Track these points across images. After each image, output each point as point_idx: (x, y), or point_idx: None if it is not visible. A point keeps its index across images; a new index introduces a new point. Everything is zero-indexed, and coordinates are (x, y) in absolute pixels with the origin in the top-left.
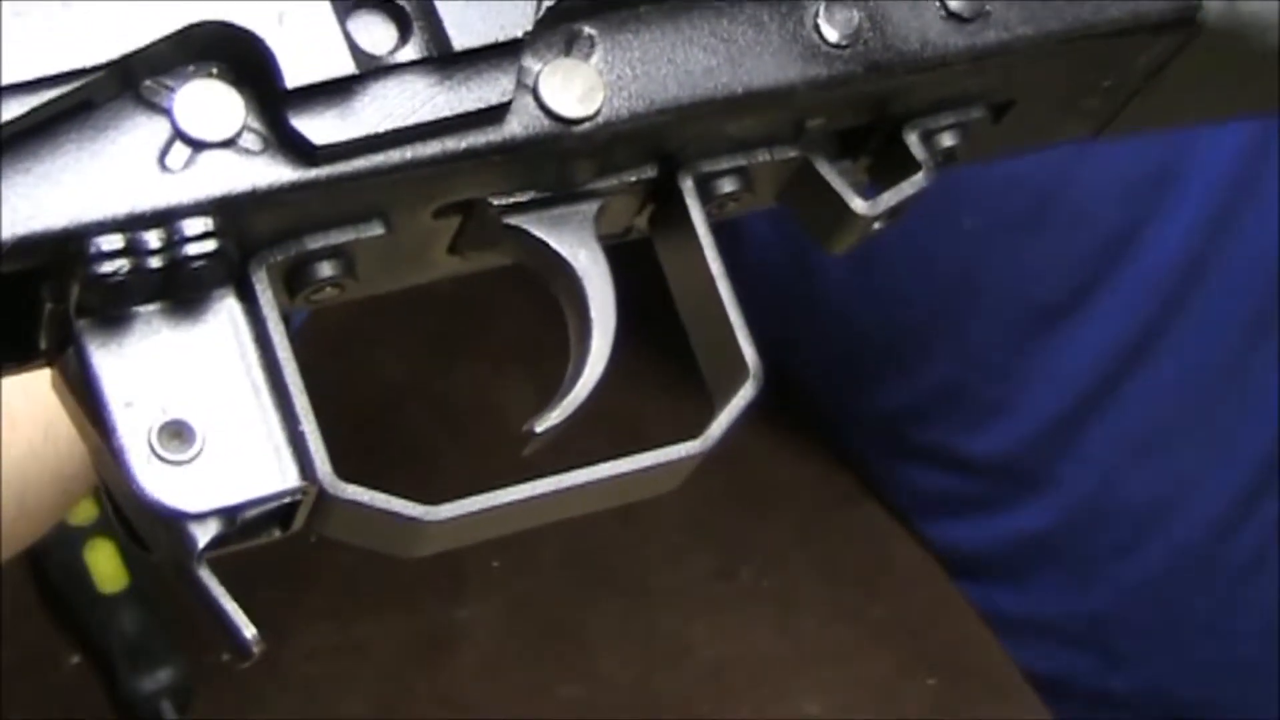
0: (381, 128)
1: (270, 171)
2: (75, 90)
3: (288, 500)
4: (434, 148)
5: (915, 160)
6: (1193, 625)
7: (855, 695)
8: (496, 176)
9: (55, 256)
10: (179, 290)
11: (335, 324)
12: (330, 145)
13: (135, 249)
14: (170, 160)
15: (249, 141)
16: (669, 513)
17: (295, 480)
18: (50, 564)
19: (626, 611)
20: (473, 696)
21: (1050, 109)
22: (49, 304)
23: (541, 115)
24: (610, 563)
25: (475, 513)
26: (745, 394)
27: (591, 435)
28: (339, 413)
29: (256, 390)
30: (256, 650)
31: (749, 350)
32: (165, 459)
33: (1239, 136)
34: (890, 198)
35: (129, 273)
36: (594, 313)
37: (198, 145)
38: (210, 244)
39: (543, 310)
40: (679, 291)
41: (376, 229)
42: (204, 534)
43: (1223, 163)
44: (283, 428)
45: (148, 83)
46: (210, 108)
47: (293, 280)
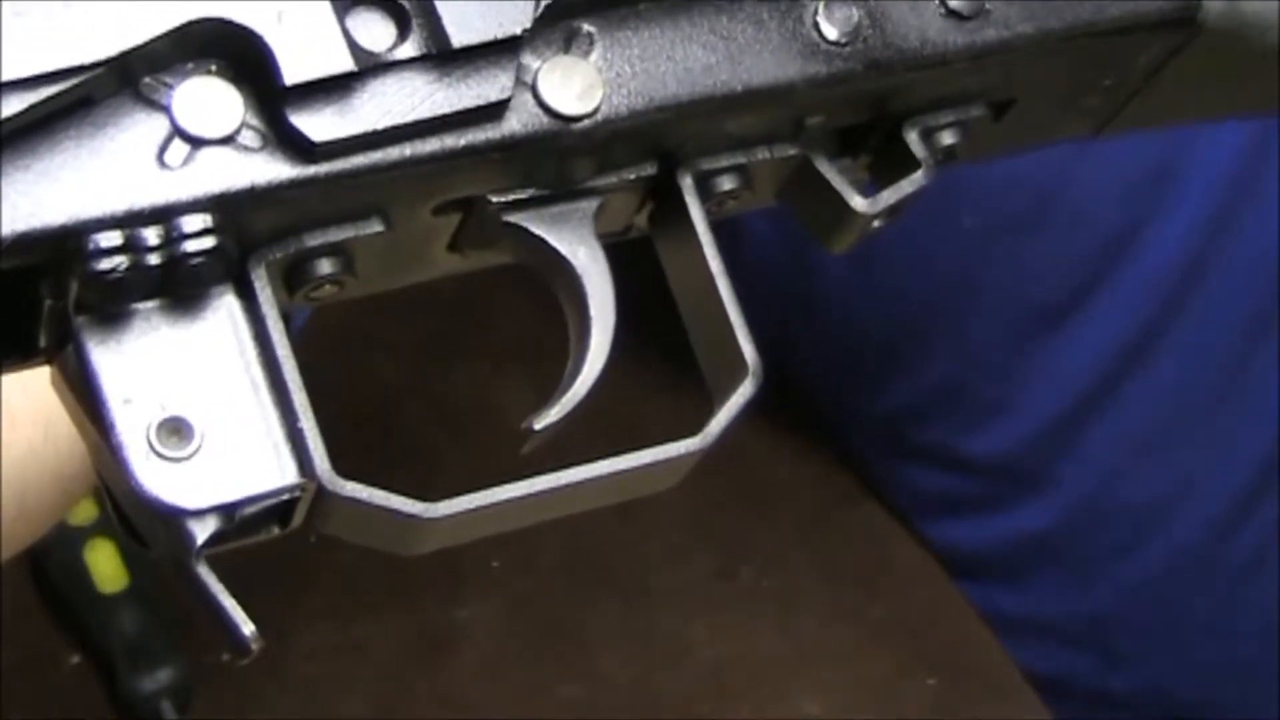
0: (380, 125)
1: (269, 168)
2: (74, 87)
3: (286, 497)
4: (433, 145)
5: (915, 158)
6: (1193, 625)
7: (855, 695)
8: (496, 174)
9: (54, 253)
10: (178, 287)
11: (335, 324)
12: (329, 142)
13: (134, 246)
14: (169, 157)
15: (248, 139)
16: (669, 513)
17: (294, 477)
18: (50, 564)
19: (626, 611)
20: (473, 696)
21: (1050, 107)
22: (48, 301)
23: (540, 112)
24: (610, 563)
25: (474, 510)
26: (744, 392)
27: (591, 435)
28: (339, 413)
29: (255, 387)
30: (255, 647)
31: (748, 348)
32: (164, 456)
33: (1239, 136)
34: (890, 196)
35: (128, 269)
36: (593, 310)
37: (196, 142)
38: (209, 241)
39: (543, 310)
40: (678, 290)
41: (376, 226)
42: (202, 531)
43: (1223, 162)
44: (281, 425)
45: (147, 80)
46: (209, 105)
47: (292, 278)
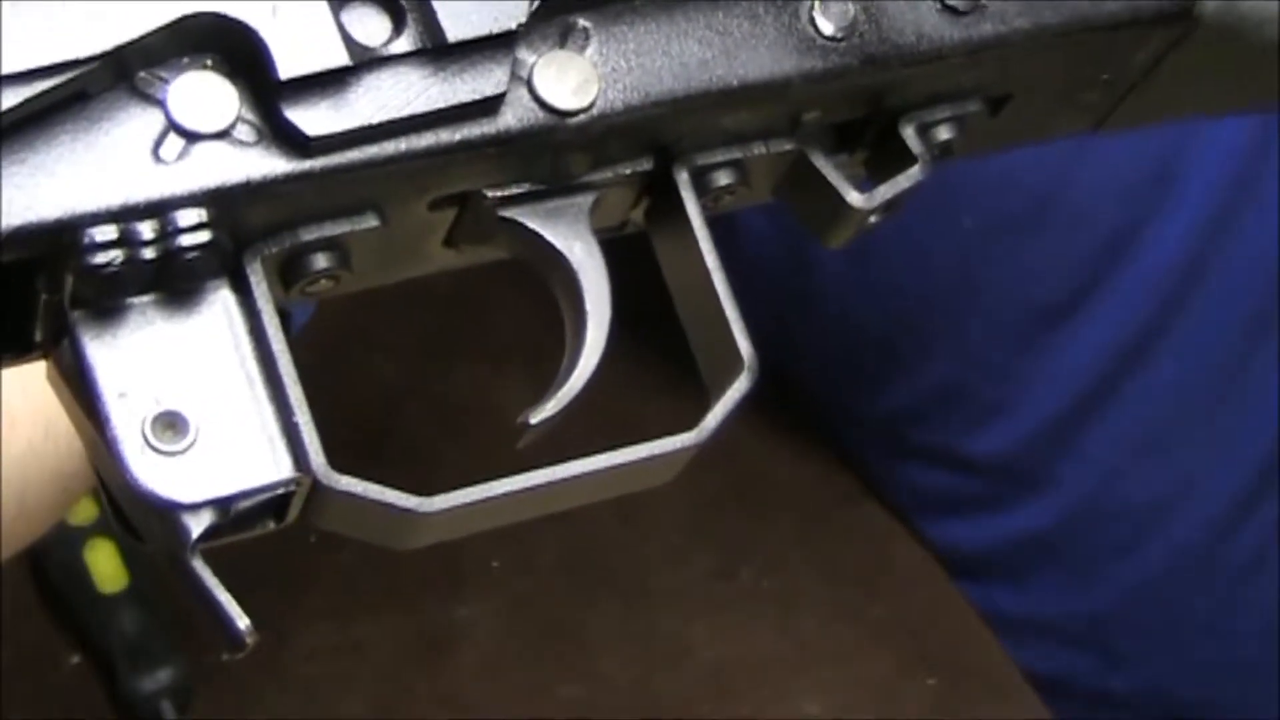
0: (375, 119)
1: (264, 163)
2: (70, 81)
3: (282, 491)
4: (428, 139)
5: (911, 154)
6: (1193, 625)
7: (855, 695)
8: (491, 168)
9: (50, 247)
10: (173, 281)
11: (334, 325)
12: (324, 137)
13: (129, 240)
14: (164, 152)
15: (243, 133)
16: (669, 513)
17: (289, 471)
18: (50, 564)
19: (626, 611)
20: (473, 696)
21: (1047, 103)
22: (44, 295)
23: (536, 107)
24: (610, 563)
25: (470, 503)
26: (740, 386)
27: (588, 434)
28: (337, 413)
29: (251, 381)
30: (250, 641)
31: (744, 343)
32: (159, 450)
33: (1239, 136)
34: (886, 191)
35: (123, 264)
36: (589, 305)
37: (192, 137)
38: (204, 235)
39: (542, 310)
40: (675, 285)
41: (371, 221)
42: (198, 525)
43: (1222, 163)
44: (277, 419)
45: (142, 74)
46: (204, 99)
47: (287, 272)
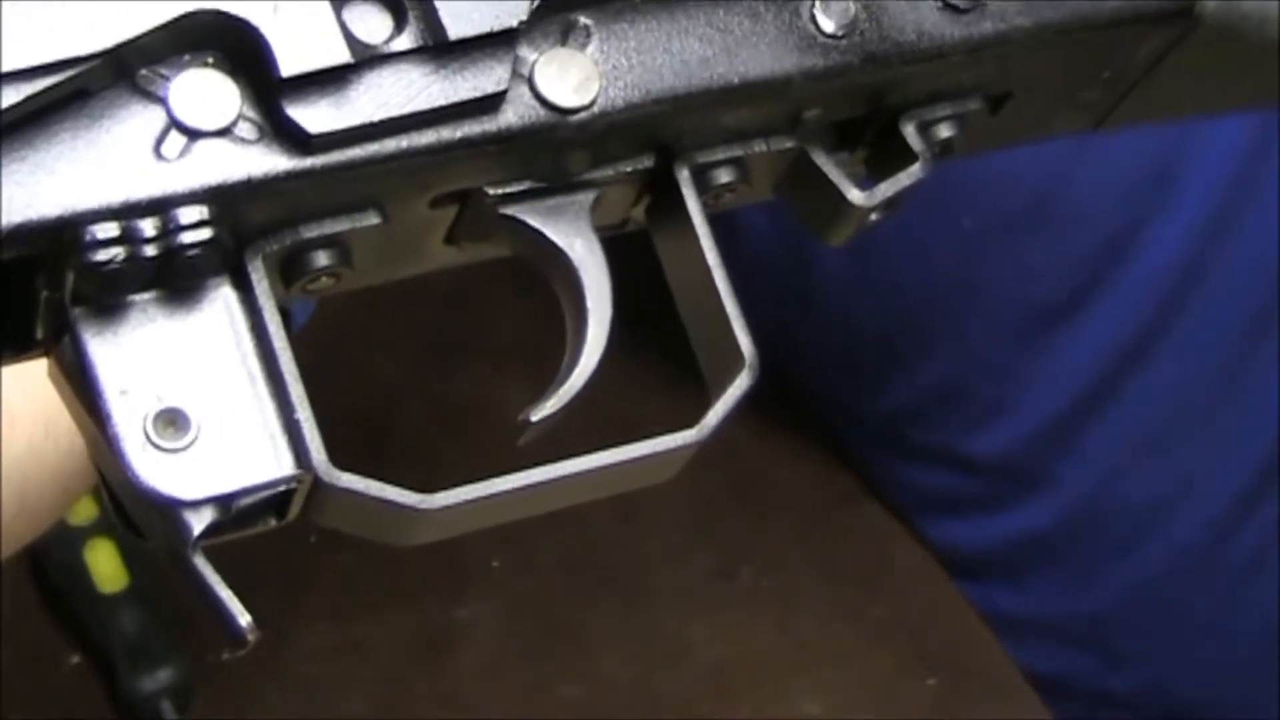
0: (376, 117)
1: (265, 160)
2: (71, 79)
3: (283, 488)
4: (429, 137)
5: (912, 151)
6: (1193, 625)
7: (855, 695)
8: (492, 166)
9: (51, 244)
10: (174, 279)
11: (335, 323)
12: (325, 134)
13: (130, 237)
14: (165, 149)
15: (244, 130)
16: (669, 513)
17: (290, 468)
18: (50, 564)
19: (626, 611)
20: (473, 696)
21: (1048, 101)
22: (45, 292)
23: (537, 105)
24: (610, 563)
25: (470, 501)
26: (741, 384)
27: (589, 433)
28: (338, 411)
29: (252, 379)
30: (251, 638)
31: (745, 341)
32: (160, 447)
33: (1238, 136)
34: (887, 188)
35: (124, 261)
36: (590, 302)
37: (193, 134)
38: (205, 233)
39: (542, 310)
40: (676, 283)
41: (372, 218)
42: (199, 522)
43: (1222, 163)
44: (278, 416)
45: (143, 71)
46: (205, 97)
47: (288, 270)
